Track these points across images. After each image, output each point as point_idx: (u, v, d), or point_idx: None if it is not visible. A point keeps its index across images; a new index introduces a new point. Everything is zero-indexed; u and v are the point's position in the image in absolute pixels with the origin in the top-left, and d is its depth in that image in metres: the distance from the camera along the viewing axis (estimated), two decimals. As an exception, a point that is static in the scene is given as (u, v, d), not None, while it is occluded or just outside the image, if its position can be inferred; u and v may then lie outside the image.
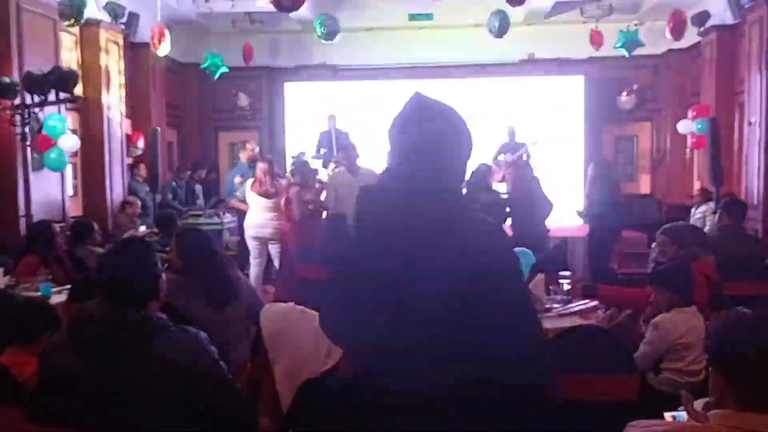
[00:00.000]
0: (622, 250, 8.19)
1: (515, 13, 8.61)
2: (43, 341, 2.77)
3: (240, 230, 7.42)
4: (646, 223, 8.23)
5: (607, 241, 7.48)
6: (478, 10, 8.41)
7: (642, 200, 10.12)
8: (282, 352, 2.91)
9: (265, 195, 6.63)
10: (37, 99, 5.50)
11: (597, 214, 7.53)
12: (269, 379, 2.93)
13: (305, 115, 10.45)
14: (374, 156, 7.99)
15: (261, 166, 6.71)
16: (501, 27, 7.68)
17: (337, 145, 9.32)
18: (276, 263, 6.90)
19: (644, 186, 10.54)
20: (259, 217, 6.71)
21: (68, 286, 4.29)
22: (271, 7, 7.54)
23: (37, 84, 5.41)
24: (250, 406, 2.51)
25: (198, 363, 2.14)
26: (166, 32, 8.43)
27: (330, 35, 7.72)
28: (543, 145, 9.33)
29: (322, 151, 9.28)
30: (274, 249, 6.81)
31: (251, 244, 6.80)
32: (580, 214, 8.49)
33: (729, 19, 8.00)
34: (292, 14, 8.69)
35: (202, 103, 10.64)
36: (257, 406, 2.95)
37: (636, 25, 9.32)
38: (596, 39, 9.35)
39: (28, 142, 5.65)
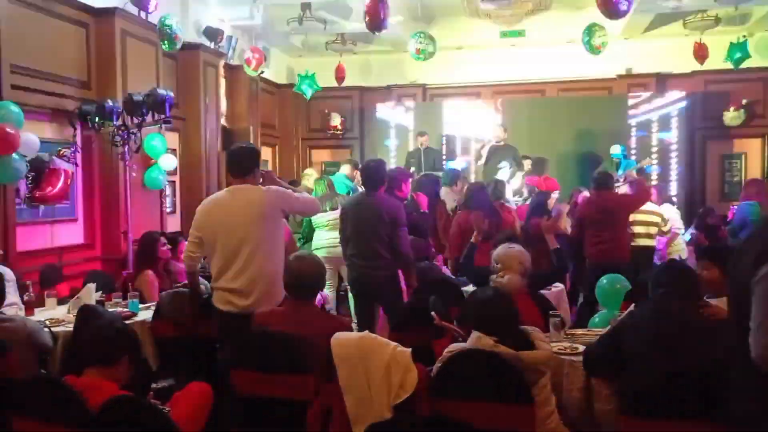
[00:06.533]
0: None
1: (612, 28, 8.18)
2: (122, 366, 2.73)
3: None
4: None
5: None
6: (571, 25, 8.04)
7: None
8: (354, 380, 2.76)
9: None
10: (136, 120, 5.67)
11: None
12: (341, 407, 2.79)
13: (396, 133, 10.37)
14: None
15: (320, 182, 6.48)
16: (594, 44, 7.26)
17: (425, 163, 9.18)
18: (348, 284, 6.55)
19: (753, 208, 9.72)
20: (327, 236, 6.33)
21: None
22: (364, 28, 7.50)
23: (136, 106, 5.57)
24: None
25: None
26: (264, 54, 8.59)
27: (427, 54, 7.56)
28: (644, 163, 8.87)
29: (412, 169, 9.14)
30: (345, 270, 6.44)
31: None
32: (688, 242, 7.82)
33: None
34: (384, 35, 8.64)
35: (296, 123, 10.77)
36: (328, 434, 2.83)
37: (745, 36, 8.67)
38: (700, 52, 8.75)
39: (128, 162, 5.81)
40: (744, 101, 9.43)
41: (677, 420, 2.44)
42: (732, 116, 9.44)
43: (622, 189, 6.87)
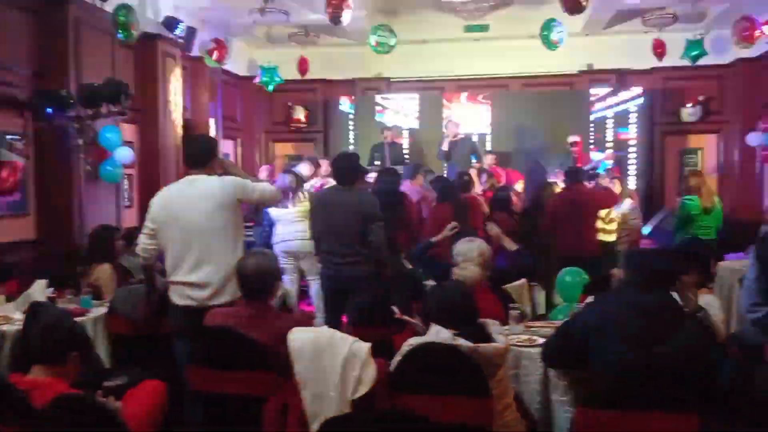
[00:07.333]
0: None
1: (573, 24, 8.27)
2: (71, 364, 2.65)
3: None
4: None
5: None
6: (535, 21, 8.11)
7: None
8: (311, 375, 2.73)
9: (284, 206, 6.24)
10: (90, 111, 5.52)
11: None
12: (298, 403, 2.76)
13: (360, 126, 10.33)
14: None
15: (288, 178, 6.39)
16: (551, 39, 7.31)
17: (391, 157, 9.17)
18: (310, 279, 6.46)
19: (709, 201, 9.94)
20: (286, 230, 6.35)
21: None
22: (327, 21, 7.44)
23: (91, 97, 5.43)
24: None
25: None
26: (226, 46, 8.46)
27: (386, 47, 7.51)
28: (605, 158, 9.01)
29: (377, 162, 9.13)
30: (306, 264, 6.39)
31: (281, 261, 6.25)
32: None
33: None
34: (348, 27, 8.59)
35: (258, 116, 10.64)
36: (285, 429, 2.79)
37: (701, 34, 8.84)
38: (659, 48, 8.90)
39: (81, 154, 5.66)
40: (700, 98, 9.64)
41: (634, 411, 2.47)
42: (689, 112, 9.64)
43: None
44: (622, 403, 2.46)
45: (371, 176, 7.15)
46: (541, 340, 3.23)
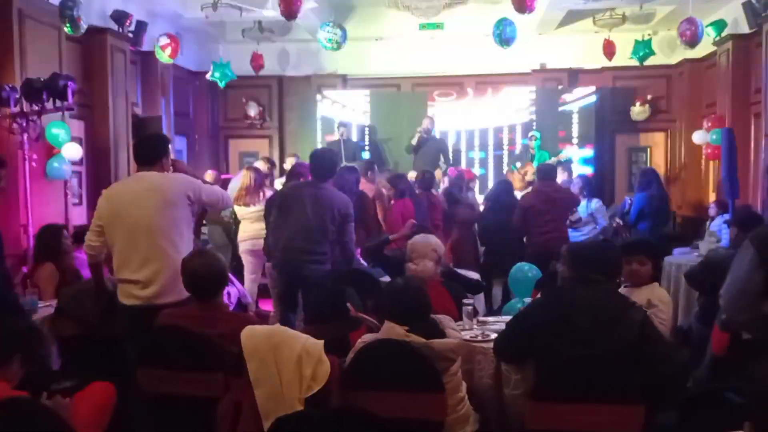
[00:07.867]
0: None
1: (527, 23, 8.38)
2: (13, 366, 2.59)
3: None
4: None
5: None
6: (489, 19, 8.20)
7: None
8: (264, 374, 2.71)
9: (247, 205, 6.20)
10: (36, 107, 5.36)
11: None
12: (251, 402, 2.73)
13: (315, 123, 10.27)
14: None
15: (245, 174, 6.31)
16: (504, 37, 7.42)
17: (345, 154, 9.15)
18: None
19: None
20: (251, 228, 6.28)
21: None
22: (280, 17, 7.38)
23: (36, 92, 5.27)
24: None
25: None
26: (178, 41, 8.31)
27: (334, 44, 7.46)
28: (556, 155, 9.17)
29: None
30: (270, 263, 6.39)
31: (246, 259, 6.31)
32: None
33: (745, 27, 7.73)
34: (302, 23, 8.52)
35: (212, 112, 10.50)
36: (238, 428, 2.76)
37: (649, 35, 9.08)
38: (609, 49, 9.11)
39: (26, 151, 5.49)
40: (649, 97, 9.89)
41: (582, 403, 2.52)
42: (638, 111, 9.89)
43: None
44: (570, 396, 2.51)
45: None
46: (494, 336, 3.28)
